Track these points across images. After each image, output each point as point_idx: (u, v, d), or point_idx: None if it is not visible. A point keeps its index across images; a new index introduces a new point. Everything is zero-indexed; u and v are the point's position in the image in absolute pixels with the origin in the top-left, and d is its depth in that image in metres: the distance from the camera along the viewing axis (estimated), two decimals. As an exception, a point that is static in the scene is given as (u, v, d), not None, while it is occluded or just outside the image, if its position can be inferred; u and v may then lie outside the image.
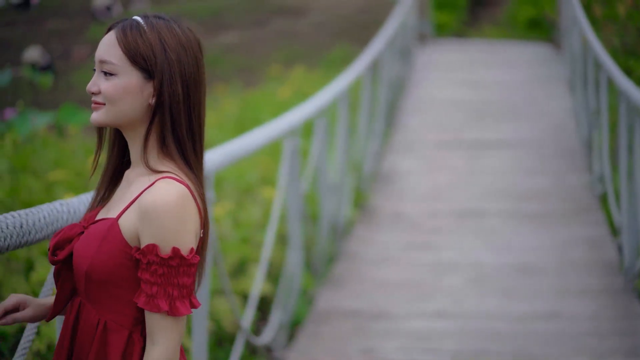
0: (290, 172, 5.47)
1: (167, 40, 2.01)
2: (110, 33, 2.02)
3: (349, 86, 7.67)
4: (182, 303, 1.94)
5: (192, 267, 1.95)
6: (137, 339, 1.99)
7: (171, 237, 1.93)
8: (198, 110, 2.05)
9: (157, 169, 2.01)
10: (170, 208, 1.93)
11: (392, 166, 9.17)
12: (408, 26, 13.88)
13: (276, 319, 5.13)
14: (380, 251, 6.81)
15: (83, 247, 1.98)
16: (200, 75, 2.06)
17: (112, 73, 2.00)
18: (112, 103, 2.00)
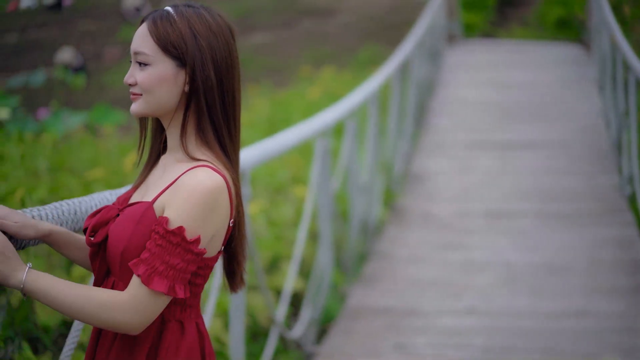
0: (322, 172, 5.57)
1: (196, 28, 2.03)
2: (143, 25, 2.05)
3: (379, 87, 7.76)
4: (160, 280, 1.93)
5: (190, 253, 1.95)
6: (169, 320, 2.03)
7: (187, 219, 1.95)
8: (232, 95, 2.06)
9: (195, 156, 2.03)
10: (202, 195, 1.95)
11: (422, 167, 9.25)
12: (437, 27, 13.94)
13: (307, 314, 5.24)
14: (411, 250, 6.91)
15: (119, 229, 2.01)
16: (233, 60, 2.07)
17: (146, 63, 2.03)
18: (148, 93, 2.03)
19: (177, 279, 1.95)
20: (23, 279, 1.92)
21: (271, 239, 6.06)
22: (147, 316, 1.96)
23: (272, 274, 5.75)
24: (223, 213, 2.00)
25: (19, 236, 2.03)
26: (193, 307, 2.07)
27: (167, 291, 1.93)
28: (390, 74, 8.49)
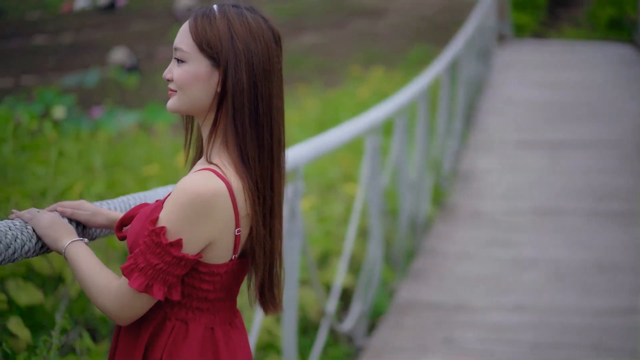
0: (372, 169, 5.66)
1: (235, 28, 1.97)
2: (186, 21, 2.04)
3: (429, 86, 7.83)
4: (138, 277, 1.91)
5: (168, 255, 1.90)
6: (169, 319, 2.00)
7: (171, 220, 1.91)
8: (269, 100, 1.99)
9: (211, 159, 1.99)
10: (191, 199, 1.90)
11: (471, 165, 9.30)
12: (487, 27, 13.95)
13: (357, 308, 5.33)
14: (460, 247, 6.97)
15: (132, 225, 2.02)
16: (273, 65, 2.01)
17: (183, 60, 2.00)
18: (182, 90, 2.00)
19: (157, 278, 1.91)
20: (65, 246, 1.99)
21: (321, 235, 6.16)
22: (128, 310, 1.95)
23: (321, 269, 5.85)
24: (221, 220, 1.94)
25: (90, 224, 2.11)
26: (206, 312, 2.01)
27: (143, 289, 1.91)
28: (440, 72, 8.55)
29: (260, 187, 1.98)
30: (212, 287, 1.99)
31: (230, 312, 2.07)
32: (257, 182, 1.97)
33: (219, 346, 2.02)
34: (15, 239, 1.83)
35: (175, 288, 1.94)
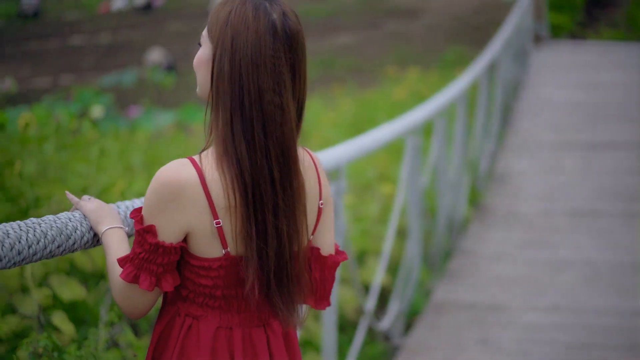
0: (411, 169, 5.71)
1: (232, 16, 1.91)
2: None
3: (468, 88, 7.86)
4: (127, 268, 1.91)
5: (145, 243, 1.88)
6: (179, 315, 1.98)
7: (146, 206, 1.90)
8: (257, 95, 1.89)
9: (207, 148, 1.95)
10: (159, 185, 1.87)
11: (507, 166, 9.31)
12: (524, 28, 13.93)
13: (394, 307, 5.38)
14: (496, 248, 7.00)
15: None
16: (264, 58, 1.89)
17: (200, 44, 1.99)
18: (196, 73, 1.99)
19: (142, 268, 1.90)
20: (102, 231, 2.00)
21: (358, 234, 6.22)
22: (128, 302, 1.94)
23: (358, 268, 5.90)
24: (192, 208, 1.88)
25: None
26: (217, 309, 1.97)
27: (131, 279, 1.89)
28: (479, 74, 8.58)
29: (254, 183, 1.89)
30: (212, 283, 1.94)
31: (262, 313, 1.99)
32: (246, 177, 1.88)
33: (235, 349, 1.96)
34: (75, 230, 1.90)
35: (165, 278, 1.91)
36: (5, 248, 1.67)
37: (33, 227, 1.78)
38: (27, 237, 1.74)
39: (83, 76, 20.17)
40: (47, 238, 1.80)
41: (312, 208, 2.01)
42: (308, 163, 2.02)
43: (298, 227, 1.95)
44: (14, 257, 1.70)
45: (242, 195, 1.88)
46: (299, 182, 1.95)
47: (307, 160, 2.02)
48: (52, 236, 1.82)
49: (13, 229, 1.72)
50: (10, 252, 1.69)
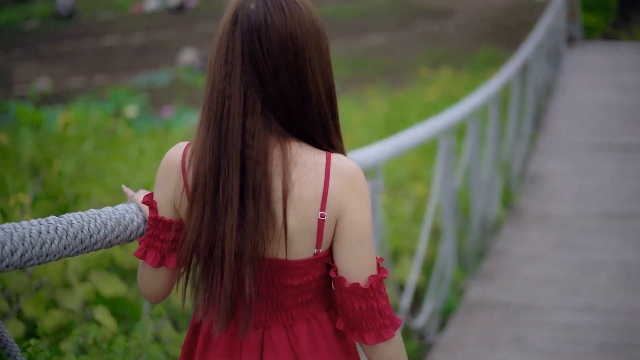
0: (445, 169, 5.76)
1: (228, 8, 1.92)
2: None
3: (500, 89, 7.90)
4: (140, 245, 1.96)
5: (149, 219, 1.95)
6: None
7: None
8: (212, 83, 1.87)
9: None
10: (161, 162, 1.95)
11: (540, 168, 9.33)
12: (557, 29, 13.91)
13: (429, 306, 5.44)
14: (529, 249, 7.02)
15: None
16: (225, 47, 1.87)
17: None
18: None
19: (149, 245, 1.95)
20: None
21: (391, 233, 6.28)
22: (141, 280, 1.99)
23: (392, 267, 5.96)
24: (176, 186, 1.90)
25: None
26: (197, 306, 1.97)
27: (140, 256, 1.94)
28: (511, 75, 8.61)
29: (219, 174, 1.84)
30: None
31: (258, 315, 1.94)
32: (212, 167, 1.84)
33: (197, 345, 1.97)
34: (132, 221, 1.98)
35: (170, 256, 1.93)
36: (69, 237, 1.75)
37: (94, 217, 1.87)
38: (89, 227, 1.82)
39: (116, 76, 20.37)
40: (106, 228, 1.89)
41: (302, 215, 1.86)
42: (312, 166, 1.86)
43: (250, 229, 1.84)
44: (77, 245, 1.78)
45: (202, 186, 1.85)
46: (250, 178, 1.83)
47: (313, 164, 1.86)
48: (112, 226, 1.90)
49: (76, 219, 1.80)
50: (74, 240, 1.77)
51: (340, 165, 1.85)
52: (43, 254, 1.69)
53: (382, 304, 1.87)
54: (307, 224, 1.85)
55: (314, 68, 1.87)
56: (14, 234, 1.63)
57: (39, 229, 1.69)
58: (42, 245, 1.68)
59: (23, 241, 1.64)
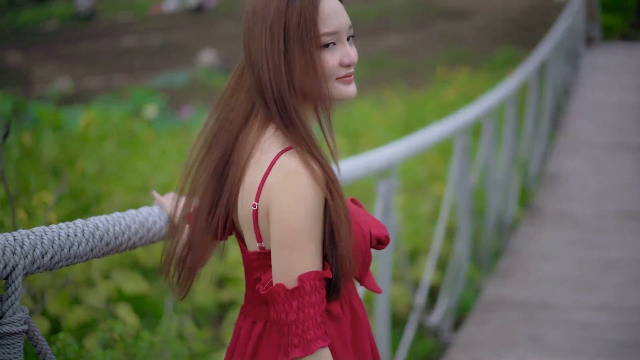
0: (460, 169, 5.81)
1: None
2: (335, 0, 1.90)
3: (517, 89, 7.93)
4: None
5: None
6: None
7: None
8: None
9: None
10: None
11: (558, 167, 9.36)
12: (576, 29, 13.91)
13: (444, 304, 5.49)
14: (546, 248, 7.06)
15: None
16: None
17: (353, 36, 1.93)
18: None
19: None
20: None
21: (410, 233, 6.33)
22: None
23: (410, 266, 6.01)
24: None
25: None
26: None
27: None
28: (528, 75, 8.64)
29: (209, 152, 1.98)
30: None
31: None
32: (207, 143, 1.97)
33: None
34: (154, 224, 2.05)
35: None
36: (95, 239, 1.83)
37: (119, 220, 1.94)
38: (114, 229, 1.90)
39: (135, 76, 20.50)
40: (130, 230, 1.96)
41: (245, 203, 1.85)
42: (267, 156, 1.83)
43: (204, 200, 1.91)
44: (103, 247, 1.86)
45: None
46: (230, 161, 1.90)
47: (269, 154, 1.83)
48: (135, 229, 1.98)
49: (101, 222, 1.88)
50: (100, 242, 1.85)
51: (285, 160, 1.80)
52: (71, 256, 1.77)
53: (290, 318, 1.78)
54: (247, 213, 1.84)
55: (263, 48, 1.84)
56: (44, 237, 1.70)
57: (67, 232, 1.77)
58: (70, 248, 1.76)
59: (52, 244, 1.71)
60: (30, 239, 1.67)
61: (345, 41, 1.88)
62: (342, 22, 1.86)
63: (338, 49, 1.86)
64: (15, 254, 1.63)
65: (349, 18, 1.89)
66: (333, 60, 1.85)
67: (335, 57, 1.85)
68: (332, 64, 1.85)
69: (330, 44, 1.85)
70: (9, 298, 1.60)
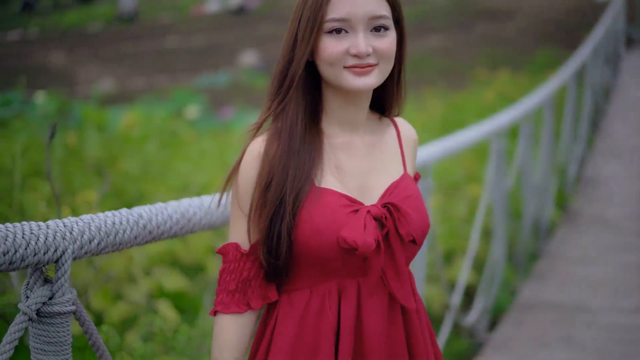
0: (496, 171, 5.87)
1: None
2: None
3: (555, 92, 7.95)
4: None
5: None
6: None
7: None
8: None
9: (392, 115, 2.06)
10: None
11: (597, 170, 9.35)
12: (616, 31, 13.85)
13: (479, 304, 5.55)
14: (583, 251, 7.08)
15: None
16: None
17: (387, 27, 1.88)
18: (387, 61, 1.89)
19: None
20: None
21: (446, 234, 6.39)
22: None
23: (446, 267, 6.07)
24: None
25: None
26: None
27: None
28: (566, 78, 8.66)
29: None
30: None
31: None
32: None
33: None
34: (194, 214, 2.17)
35: None
36: (139, 227, 1.94)
37: (161, 210, 2.05)
38: (157, 218, 2.01)
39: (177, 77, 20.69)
40: (172, 220, 2.07)
41: None
42: None
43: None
44: (146, 235, 1.97)
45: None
46: None
47: None
48: (177, 219, 2.09)
49: (145, 212, 1.99)
50: (143, 230, 1.96)
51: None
52: (117, 242, 1.88)
53: (219, 276, 1.92)
54: None
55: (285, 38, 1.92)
56: (92, 224, 1.82)
57: (113, 220, 1.88)
58: (115, 235, 1.87)
59: (99, 230, 1.83)
60: (79, 226, 1.78)
61: (360, 31, 1.84)
62: (356, 11, 1.83)
63: (347, 37, 1.84)
64: (65, 239, 1.74)
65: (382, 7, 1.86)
66: (337, 47, 1.84)
67: (341, 44, 1.84)
68: (334, 50, 1.84)
69: (339, 31, 1.84)
70: (59, 280, 1.72)
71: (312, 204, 1.84)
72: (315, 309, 1.88)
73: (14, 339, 1.65)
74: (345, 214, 1.84)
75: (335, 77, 1.86)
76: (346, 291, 1.88)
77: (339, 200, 1.86)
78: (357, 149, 1.94)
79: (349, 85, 1.85)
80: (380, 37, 1.86)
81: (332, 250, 1.84)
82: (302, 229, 1.83)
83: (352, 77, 1.85)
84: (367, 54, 1.84)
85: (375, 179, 1.94)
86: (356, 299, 1.89)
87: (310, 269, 1.87)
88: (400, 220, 1.88)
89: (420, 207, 1.95)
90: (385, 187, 1.93)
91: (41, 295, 1.70)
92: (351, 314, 1.88)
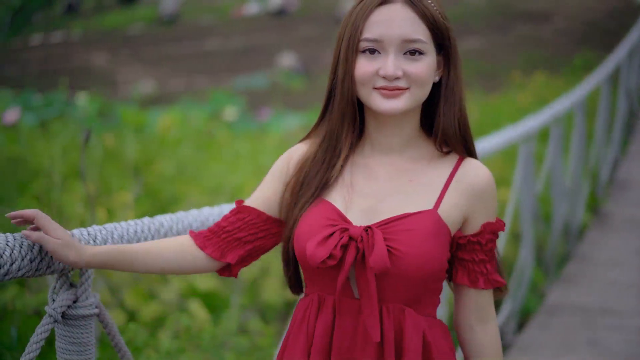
0: (525, 175, 5.92)
1: (443, 10, 1.92)
2: (400, 7, 1.86)
3: (587, 95, 7.97)
4: None
5: None
6: None
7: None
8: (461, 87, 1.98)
9: (443, 150, 1.96)
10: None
11: (629, 174, 9.34)
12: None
13: (507, 306, 5.62)
14: (613, 254, 7.10)
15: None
16: None
17: (422, 52, 1.86)
18: (420, 86, 1.86)
19: None
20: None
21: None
22: None
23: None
24: None
25: (56, 255, 1.78)
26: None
27: None
28: (600, 81, 8.67)
29: None
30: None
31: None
32: None
33: None
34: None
35: None
36: (160, 236, 2.06)
37: (181, 219, 2.17)
38: (177, 227, 2.13)
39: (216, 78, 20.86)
40: (192, 228, 2.18)
41: None
42: None
43: None
44: (167, 244, 2.08)
45: None
46: None
47: None
48: (197, 228, 2.20)
49: (166, 220, 2.11)
50: (164, 239, 2.07)
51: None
52: (139, 250, 1.99)
53: None
54: None
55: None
56: (114, 232, 1.95)
57: (135, 229, 2.01)
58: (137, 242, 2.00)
59: (122, 239, 1.95)
60: (102, 234, 1.91)
61: (392, 53, 1.84)
62: (390, 33, 1.83)
63: (380, 58, 1.85)
64: (89, 247, 1.86)
65: (418, 32, 1.85)
66: (368, 67, 1.85)
67: (372, 65, 1.85)
68: (365, 70, 1.85)
69: (373, 51, 1.85)
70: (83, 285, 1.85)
71: (307, 213, 1.90)
72: (300, 318, 1.94)
73: (40, 339, 1.78)
74: (321, 226, 1.85)
75: (365, 97, 1.88)
76: (324, 304, 1.89)
77: (327, 213, 1.88)
78: (379, 172, 1.93)
79: (376, 106, 1.86)
80: (413, 61, 1.85)
81: (301, 259, 1.89)
82: (295, 234, 1.91)
83: (380, 98, 1.85)
84: (396, 77, 1.84)
85: (388, 204, 1.90)
86: (332, 315, 1.88)
87: (306, 277, 1.96)
88: (368, 246, 1.82)
89: (421, 245, 1.84)
90: (395, 214, 1.87)
91: (66, 299, 1.83)
92: (324, 332, 1.88)
